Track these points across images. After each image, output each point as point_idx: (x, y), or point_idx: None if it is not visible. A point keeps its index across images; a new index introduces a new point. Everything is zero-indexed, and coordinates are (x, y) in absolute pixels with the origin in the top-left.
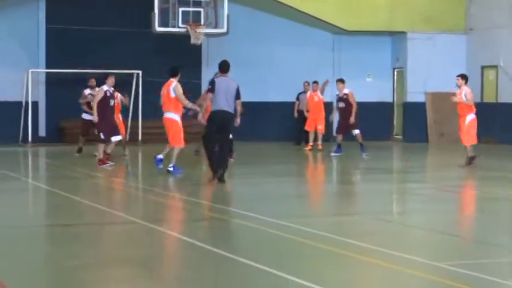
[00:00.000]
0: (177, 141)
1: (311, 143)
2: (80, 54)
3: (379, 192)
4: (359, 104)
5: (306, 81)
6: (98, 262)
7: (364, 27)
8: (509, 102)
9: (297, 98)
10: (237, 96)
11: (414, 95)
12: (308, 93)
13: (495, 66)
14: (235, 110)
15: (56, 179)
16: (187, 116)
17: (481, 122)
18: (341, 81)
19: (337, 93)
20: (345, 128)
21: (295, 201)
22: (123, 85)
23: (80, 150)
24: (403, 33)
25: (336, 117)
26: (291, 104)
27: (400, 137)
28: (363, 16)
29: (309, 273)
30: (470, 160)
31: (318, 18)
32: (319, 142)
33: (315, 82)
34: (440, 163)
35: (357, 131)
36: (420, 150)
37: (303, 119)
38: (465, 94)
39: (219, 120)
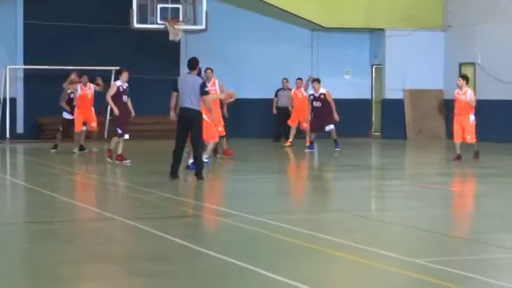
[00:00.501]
0: (212, 135)
1: (291, 139)
2: (58, 51)
3: (357, 189)
4: (337, 100)
5: (285, 78)
6: (76, 259)
7: (342, 24)
8: (487, 99)
9: (276, 95)
10: (202, 92)
11: (392, 92)
12: (292, 90)
13: (473, 64)
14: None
15: (34, 176)
16: None
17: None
18: (317, 81)
19: (312, 92)
20: (319, 126)
21: (275, 198)
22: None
23: (55, 147)
24: (382, 30)
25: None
26: (269, 101)
27: (378, 133)
28: (341, 13)
29: (287, 270)
30: (477, 154)
31: (297, 15)
32: (308, 139)
33: (299, 79)
34: (418, 160)
35: (331, 126)
36: (398, 147)
37: (281, 115)
38: (470, 95)
39: (184, 118)
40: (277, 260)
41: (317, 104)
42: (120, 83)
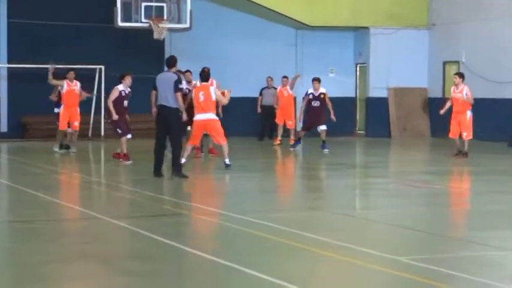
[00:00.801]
0: (224, 138)
1: (279, 138)
2: (43, 49)
3: (342, 187)
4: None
5: (269, 77)
6: (60, 258)
7: (326, 23)
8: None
9: (260, 93)
10: (175, 89)
11: (377, 90)
12: (278, 89)
13: (457, 62)
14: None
15: (18, 175)
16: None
17: (444, 117)
18: (317, 80)
19: (312, 91)
20: (312, 125)
21: (259, 197)
22: (86, 80)
23: (62, 147)
24: (366, 28)
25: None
26: (254, 99)
27: (362, 132)
28: (325, 11)
29: (271, 268)
30: (466, 154)
31: (281, 14)
32: (292, 137)
33: (285, 77)
34: (403, 158)
35: (324, 127)
36: (383, 145)
37: (266, 114)
38: (466, 93)
39: (161, 116)
40: (261, 258)
41: (316, 103)
42: (123, 88)
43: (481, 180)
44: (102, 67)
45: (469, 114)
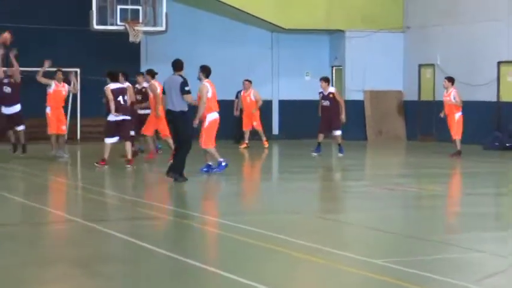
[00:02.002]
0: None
1: (247, 141)
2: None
3: (317, 190)
4: (297, 101)
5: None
6: (35, 261)
7: (302, 26)
8: None
9: (236, 96)
10: (182, 91)
11: (352, 93)
12: (241, 93)
13: (432, 65)
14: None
15: None
16: None
17: (419, 119)
18: (324, 79)
19: (321, 91)
20: (327, 127)
21: (236, 200)
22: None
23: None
24: (341, 31)
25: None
26: (230, 102)
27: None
28: (300, 14)
29: (247, 271)
30: (459, 153)
31: (256, 16)
32: (264, 139)
33: (247, 80)
34: (378, 161)
35: (338, 132)
36: (359, 148)
37: (242, 117)
38: (454, 96)
39: (168, 120)
40: (236, 261)
41: (325, 103)
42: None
43: (457, 182)
44: (78, 70)
45: (457, 115)
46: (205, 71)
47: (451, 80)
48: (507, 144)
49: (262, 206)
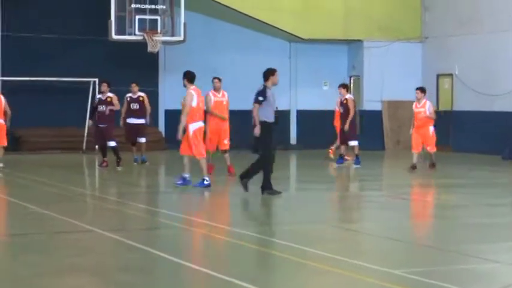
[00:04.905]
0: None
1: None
2: (36, 63)
3: (334, 200)
4: (316, 111)
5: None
6: (52, 271)
7: (320, 36)
8: (464, 110)
9: None
10: (254, 100)
11: (370, 103)
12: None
13: (450, 75)
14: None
15: (10, 188)
16: None
17: (437, 129)
18: (342, 86)
19: (340, 97)
20: (344, 139)
21: (251, 209)
22: (79, 93)
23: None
24: (360, 41)
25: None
26: (248, 112)
27: None
28: (319, 24)
29: (263, 281)
30: (434, 165)
31: (275, 26)
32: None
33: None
34: (396, 171)
35: (354, 143)
36: (377, 158)
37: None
38: (428, 108)
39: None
40: (252, 270)
41: (340, 109)
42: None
43: (473, 193)
44: (96, 80)
45: (431, 129)
46: (188, 76)
47: (423, 90)
48: None
49: (277, 215)
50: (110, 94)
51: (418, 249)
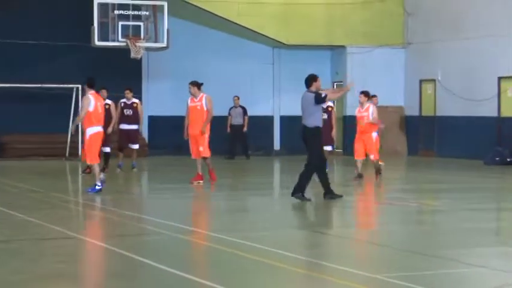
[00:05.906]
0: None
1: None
2: (19, 69)
3: (318, 206)
4: (298, 117)
5: (236, 96)
6: (37, 277)
7: (303, 41)
8: (447, 115)
9: (229, 113)
10: (317, 101)
11: (353, 109)
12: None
13: (433, 80)
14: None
15: None
16: None
17: (420, 135)
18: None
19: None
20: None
21: (237, 215)
22: (63, 99)
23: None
24: (343, 47)
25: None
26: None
27: (340, 150)
28: (302, 30)
29: (247, 286)
30: (380, 171)
31: (257, 32)
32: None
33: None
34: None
35: (329, 148)
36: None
37: (235, 133)
38: (372, 113)
39: (302, 136)
40: (236, 276)
41: (324, 116)
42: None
43: (457, 198)
44: (79, 86)
45: (374, 135)
46: (88, 82)
47: (367, 94)
48: (508, 160)
49: (261, 221)
50: (108, 101)
51: (400, 254)
